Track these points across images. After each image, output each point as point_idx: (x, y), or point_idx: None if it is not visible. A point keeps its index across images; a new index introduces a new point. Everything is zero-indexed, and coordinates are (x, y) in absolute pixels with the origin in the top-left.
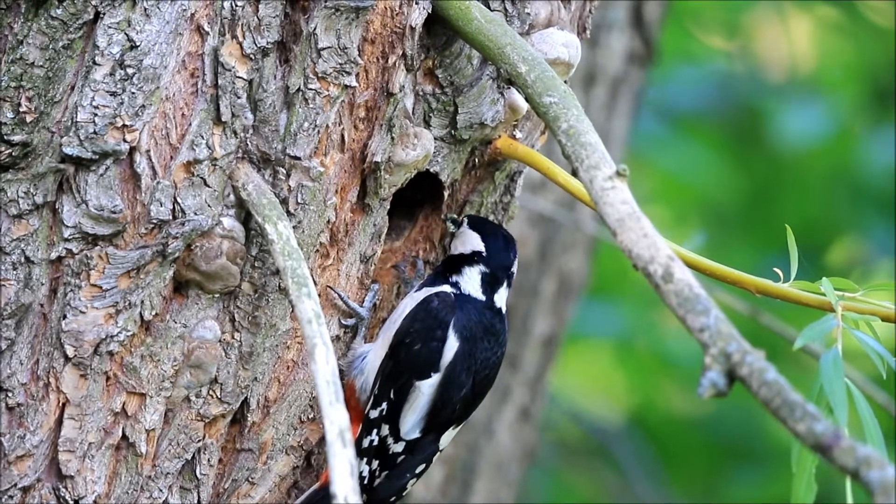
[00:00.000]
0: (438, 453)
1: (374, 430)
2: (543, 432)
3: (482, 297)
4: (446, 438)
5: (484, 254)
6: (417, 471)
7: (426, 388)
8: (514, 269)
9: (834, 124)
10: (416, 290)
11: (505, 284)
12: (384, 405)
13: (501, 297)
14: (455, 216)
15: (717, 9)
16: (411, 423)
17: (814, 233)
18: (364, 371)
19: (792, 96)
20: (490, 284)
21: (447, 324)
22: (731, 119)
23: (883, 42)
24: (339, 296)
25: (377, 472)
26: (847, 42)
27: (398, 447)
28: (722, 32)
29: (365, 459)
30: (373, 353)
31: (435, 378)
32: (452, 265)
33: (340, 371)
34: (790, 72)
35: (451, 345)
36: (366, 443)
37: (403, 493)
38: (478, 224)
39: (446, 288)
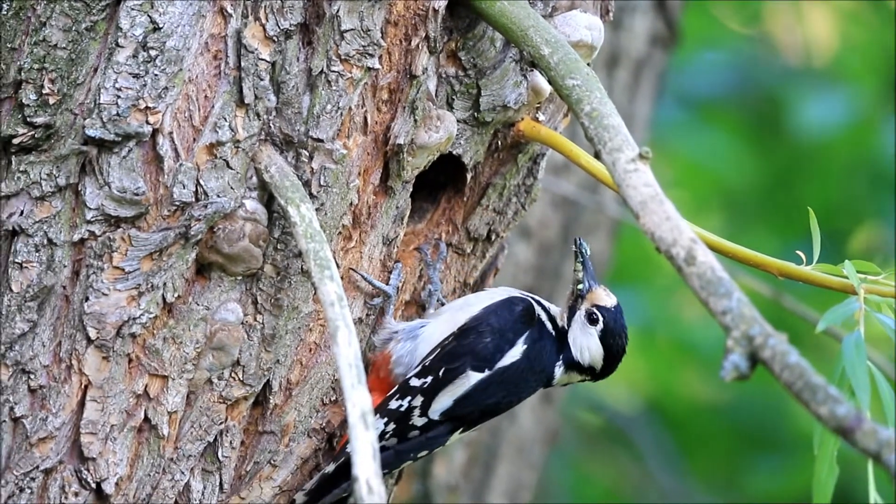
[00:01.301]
0: (441, 447)
1: (408, 398)
2: (564, 420)
3: (556, 380)
4: (453, 438)
5: (596, 371)
6: (419, 454)
7: (473, 379)
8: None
9: (853, 113)
10: (518, 291)
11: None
12: (429, 378)
13: (568, 379)
14: (588, 267)
15: None
16: (442, 404)
17: (835, 219)
18: (417, 339)
19: (811, 84)
20: (577, 371)
21: (522, 332)
22: (751, 106)
23: None
24: (363, 276)
25: (387, 437)
26: (866, 29)
27: (419, 422)
28: (742, 18)
29: (385, 419)
30: (434, 326)
31: (485, 374)
32: (565, 358)
33: (370, 347)
34: (809, 59)
35: (514, 353)
36: (393, 405)
37: (394, 472)
38: (609, 334)
39: (547, 323)
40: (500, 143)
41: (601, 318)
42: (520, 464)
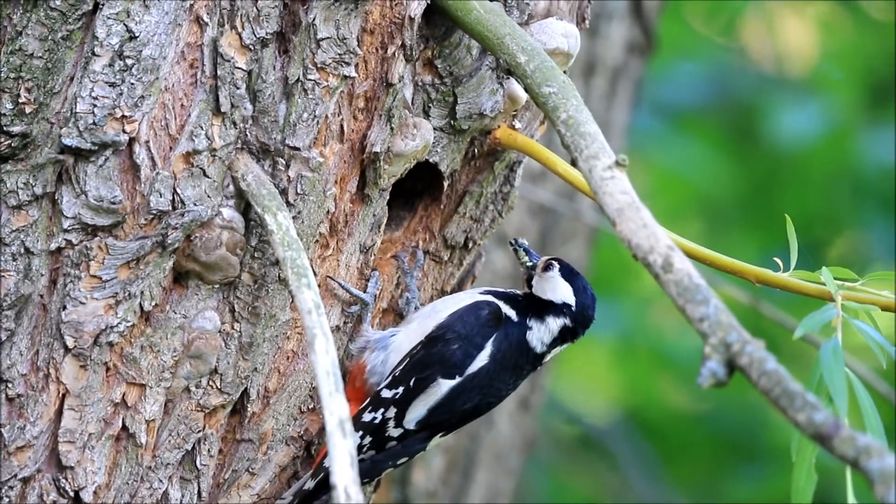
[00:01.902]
0: (422, 453)
1: (381, 410)
2: (541, 430)
3: (542, 349)
4: (432, 443)
5: (573, 308)
6: (399, 462)
7: (445, 388)
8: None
9: (830, 122)
10: (479, 291)
11: (572, 342)
12: (400, 389)
13: (559, 350)
14: (531, 251)
15: (713, 4)
16: (415, 415)
17: (814, 229)
18: (388, 348)
19: (787, 94)
20: (563, 337)
21: (489, 336)
22: (728, 115)
23: (881, 36)
24: (341, 284)
25: (365, 450)
26: (845, 37)
27: (395, 432)
28: (718, 27)
29: (360, 433)
30: (404, 335)
31: (456, 381)
32: (537, 308)
33: (347, 355)
34: (785, 68)
35: (483, 357)
36: (367, 417)
37: (373, 481)
38: (570, 275)
39: (513, 317)
40: (476, 150)
41: (555, 263)
42: (497, 470)
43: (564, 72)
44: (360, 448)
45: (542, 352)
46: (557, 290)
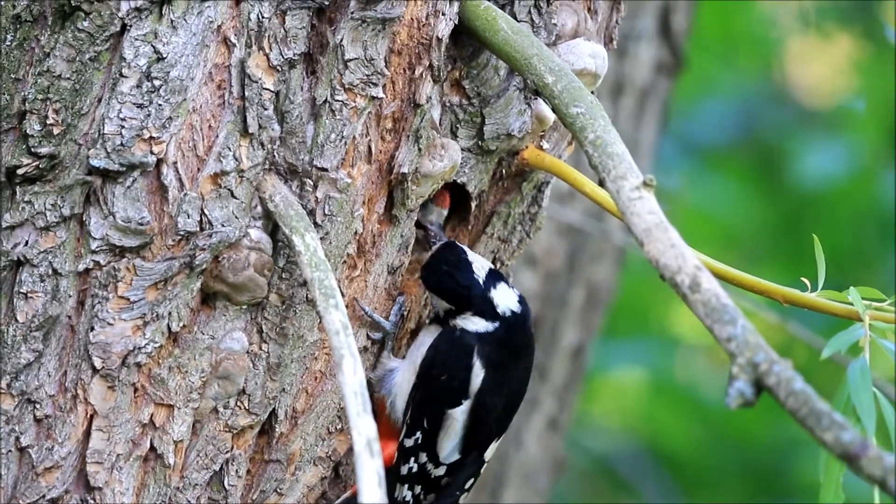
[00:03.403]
0: (485, 464)
1: (412, 458)
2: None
3: (492, 326)
4: (490, 452)
5: (454, 308)
6: (467, 486)
7: (459, 415)
8: (484, 276)
9: (855, 162)
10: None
11: (496, 288)
12: (418, 434)
13: (505, 299)
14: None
15: (743, 35)
16: (449, 448)
17: (842, 267)
18: (392, 392)
19: (814, 132)
20: (487, 313)
21: (471, 350)
22: (754, 153)
23: None
24: (364, 310)
25: (422, 496)
26: (869, 76)
27: (439, 471)
28: (747, 59)
29: (407, 485)
30: (401, 376)
31: (466, 405)
32: (445, 321)
33: (369, 383)
34: (811, 103)
35: (478, 372)
36: (404, 470)
37: None
38: (432, 279)
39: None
40: (504, 171)
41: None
42: (526, 490)
43: (592, 92)
44: (416, 499)
45: (499, 320)
46: (436, 303)
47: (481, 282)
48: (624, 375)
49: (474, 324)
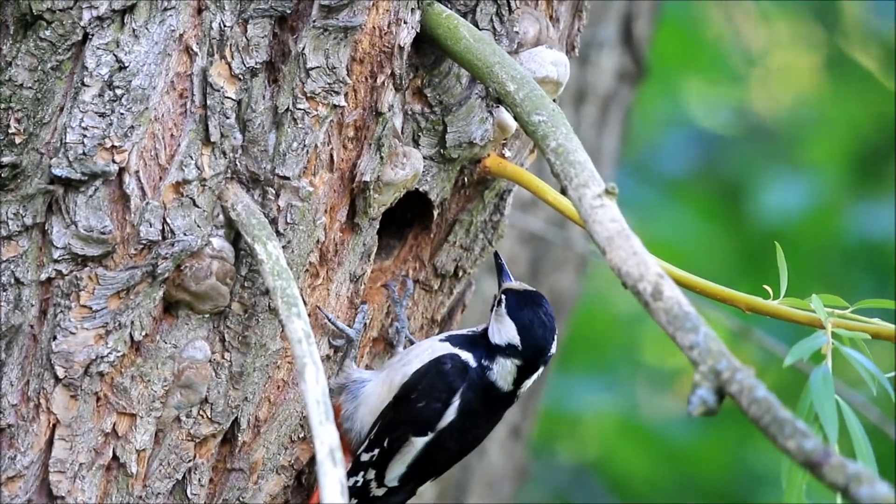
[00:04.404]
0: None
1: (361, 473)
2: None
3: (508, 387)
4: (423, 488)
5: (519, 348)
6: None
7: (419, 444)
8: (552, 351)
9: (817, 197)
10: (440, 339)
11: (540, 370)
12: (376, 451)
13: (530, 382)
14: (504, 271)
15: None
16: (396, 473)
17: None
18: (358, 399)
19: (777, 163)
20: (524, 374)
21: (455, 390)
22: (715, 185)
23: (864, 103)
24: (328, 317)
25: None
26: (832, 104)
27: (379, 492)
28: (710, 79)
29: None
30: (373, 387)
31: (429, 437)
32: (489, 350)
33: (329, 390)
34: (777, 130)
35: (451, 412)
36: (350, 482)
37: None
38: (515, 308)
39: (471, 362)
40: (466, 179)
41: (502, 297)
42: (489, 499)
43: (554, 100)
44: None
45: (510, 390)
46: (503, 330)
47: (549, 345)
48: (584, 409)
49: (504, 375)
